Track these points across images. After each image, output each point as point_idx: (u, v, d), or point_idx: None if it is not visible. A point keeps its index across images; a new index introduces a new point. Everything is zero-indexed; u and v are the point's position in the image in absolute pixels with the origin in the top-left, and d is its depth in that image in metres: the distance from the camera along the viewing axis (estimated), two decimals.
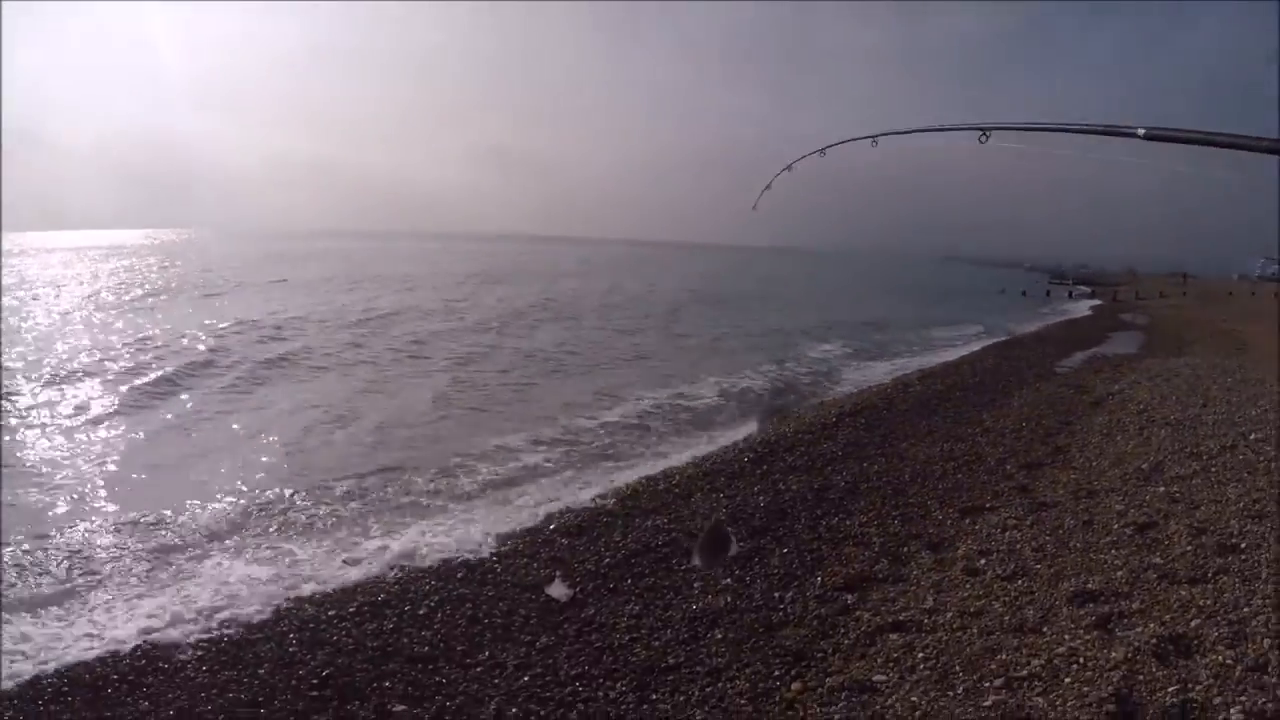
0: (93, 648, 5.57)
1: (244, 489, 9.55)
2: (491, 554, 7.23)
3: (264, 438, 12.18)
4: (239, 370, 17.07)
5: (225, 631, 5.67)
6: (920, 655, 5.16)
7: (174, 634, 5.68)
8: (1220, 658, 4.71)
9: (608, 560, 7.05)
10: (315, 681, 5.00)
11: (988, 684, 4.70)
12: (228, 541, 7.76)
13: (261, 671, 5.10)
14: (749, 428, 13.39)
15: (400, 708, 4.74)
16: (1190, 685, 4.45)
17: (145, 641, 5.55)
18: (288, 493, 9.51)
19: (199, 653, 5.35)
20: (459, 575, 6.73)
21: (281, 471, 10.55)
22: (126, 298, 32.28)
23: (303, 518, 8.63)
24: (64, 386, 15.11)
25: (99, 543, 7.51)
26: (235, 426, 12.84)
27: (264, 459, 10.96)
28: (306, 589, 6.58)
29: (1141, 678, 4.58)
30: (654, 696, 4.95)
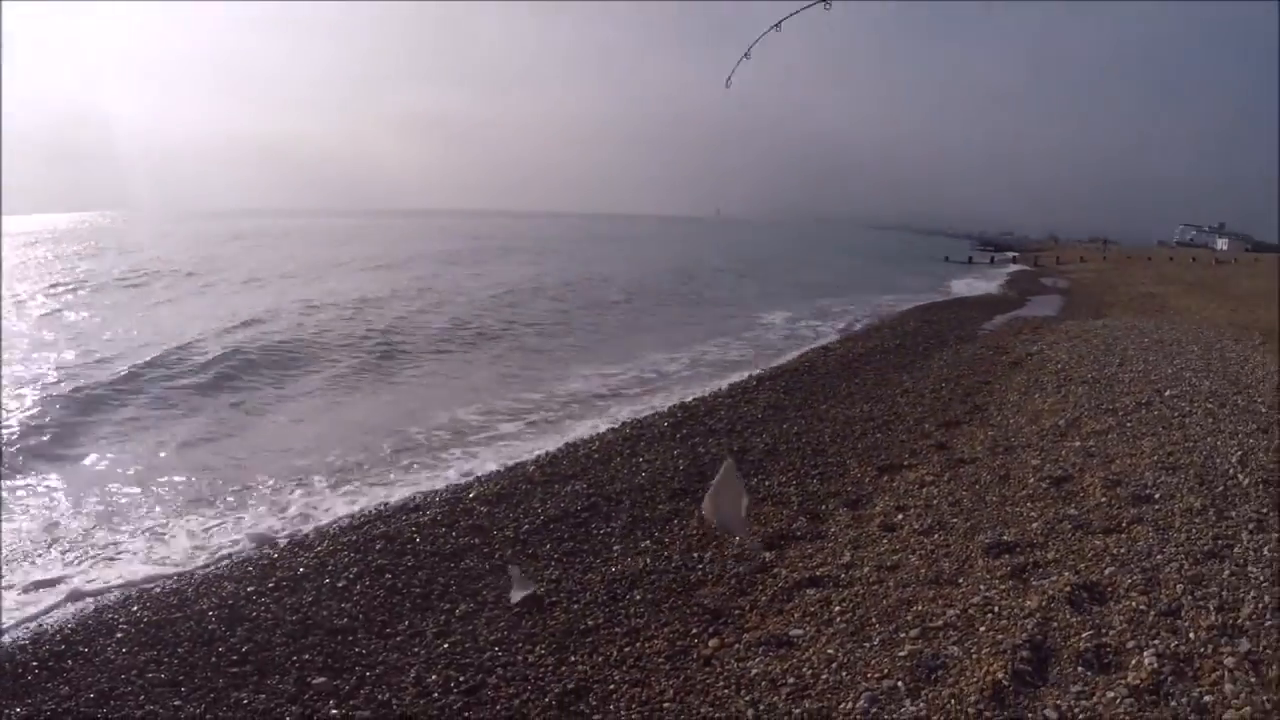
0: (7, 633, 5.49)
1: (156, 467, 9.30)
2: (410, 524, 7.13)
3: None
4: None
5: (144, 613, 5.58)
6: (837, 609, 5.25)
7: (91, 617, 5.58)
8: (1134, 604, 4.87)
9: (526, 526, 7.09)
10: (235, 658, 4.98)
11: (904, 634, 4.79)
12: (145, 520, 7.53)
13: (181, 650, 5.05)
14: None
15: (320, 679, 4.75)
16: (1104, 631, 4.60)
17: (64, 626, 5.45)
18: (208, 467, 9.35)
19: (118, 634, 5.25)
20: (377, 547, 6.67)
21: (202, 449, 10.33)
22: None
23: (221, 492, 8.48)
24: None
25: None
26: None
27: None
28: (223, 565, 6.51)
29: (1055, 624, 4.72)
30: (572, 658, 4.98)
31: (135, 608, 5.62)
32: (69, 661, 4.90)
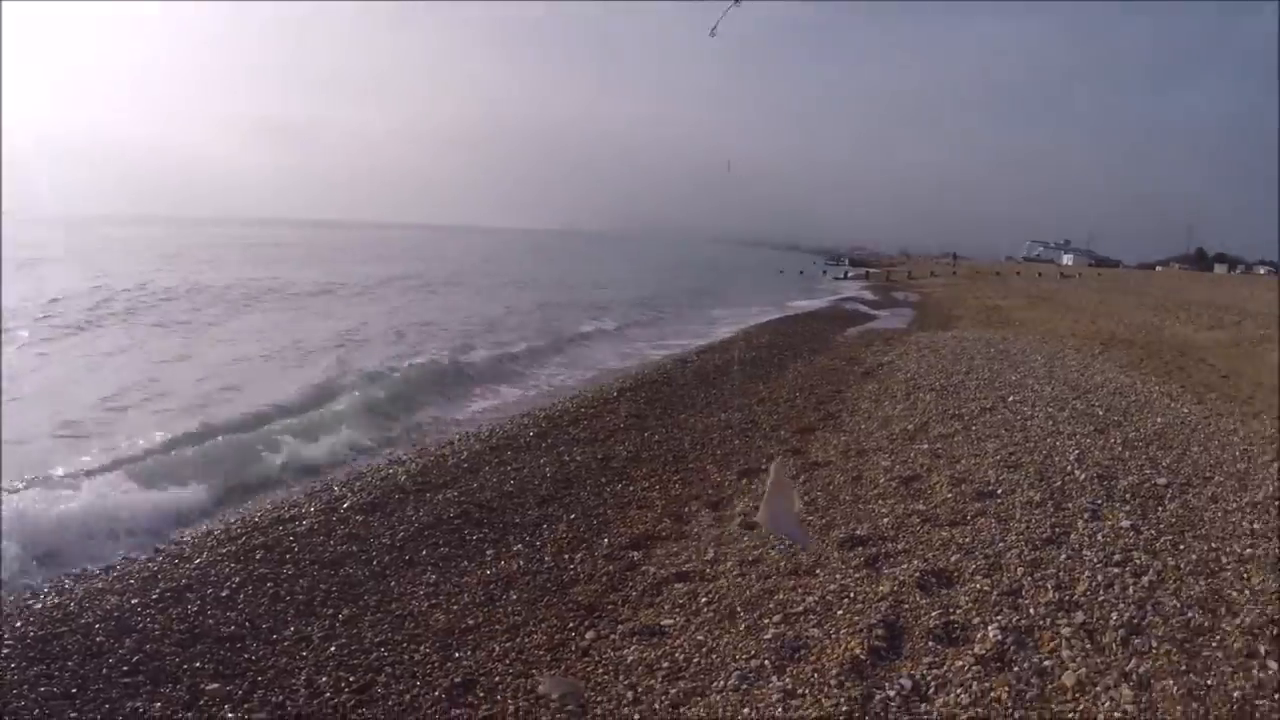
0: None
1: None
2: (288, 534, 7.21)
3: None
4: None
5: (28, 628, 5.46)
6: (704, 600, 5.69)
7: None
8: (978, 585, 5.46)
9: (402, 533, 7.30)
10: (126, 668, 5.02)
11: (767, 620, 5.24)
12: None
13: (71, 663, 5.04)
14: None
15: (214, 685, 4.86)
16: (951, 610, 5.15)
17: None
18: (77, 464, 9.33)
19: (4, 650, 5.15)
20: (257, 556, 6.74)
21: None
22: None
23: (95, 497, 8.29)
24: None
25: None
26: None
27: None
28: (102, 580, 6.42)
29: (907, 606, 5.25)
30: (457, 654, 5.27)
31: (18, 623, 5.51)
32: None
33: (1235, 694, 4.12)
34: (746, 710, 4.23)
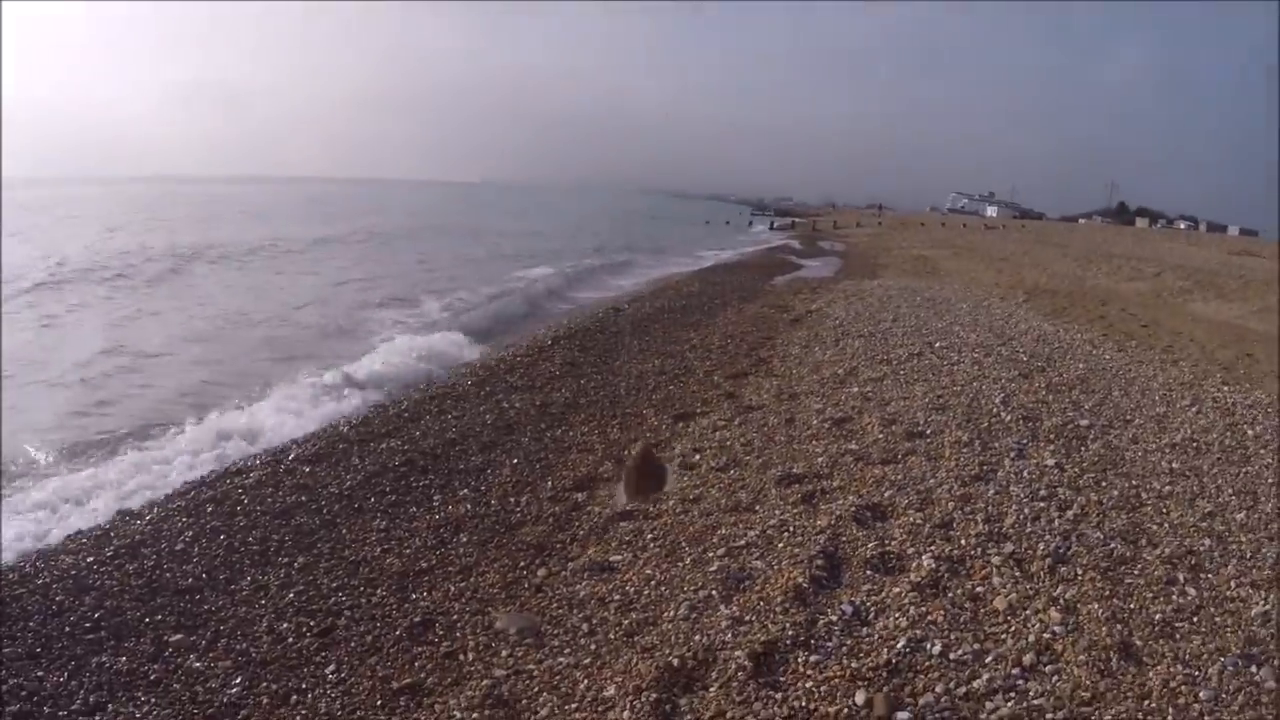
0: None
1: None
2: (236, 487, 7.24)
3: None
4: None
5: None
6: (650, 537, 5.92)
7: None
8: (911, 519, 5.73)
9: (349, 482, 7.37)
10: (88, 625, 5.06)
11: (711, 554, 5.46)
12: None
13: (32, 624, 5.04)
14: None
15: (177, 637, 4.94)
16: (887, 541, 5.42)
17: None
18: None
19: None
20: (208, 510, 6.76)
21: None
22: None
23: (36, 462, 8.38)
24: None
25: None
26: None
27: None
28: (54, 538, 6.41)
29: (844, 538, 5.50)
30: (414, 595, 5.45)
31: None
32: None
33: (1156, 616, 4.43)
34: (698, 637, 4.42)
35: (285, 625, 5.10)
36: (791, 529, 5.71)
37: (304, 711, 4.26)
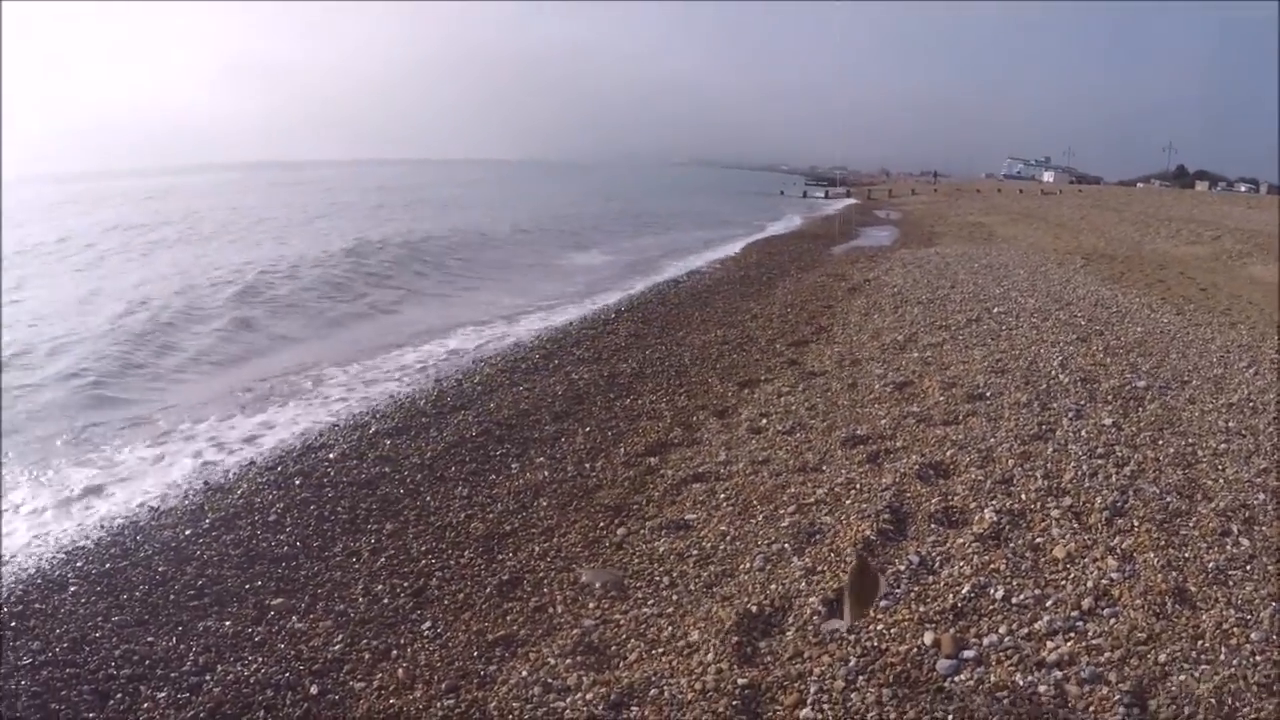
0: None
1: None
2: (322, 461, 7.60)
3: None
4: None
5: (89, 567, 5.74)
6: (722, 496, 6.16)
7: (35, 578, 5.65)
8: (973, 476, 5.94)
9: (429, 453, 7.67)
10: (192, 593, 5.35)
11: (783, 511, 5.71)
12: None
13: (138, 593, 5.34)
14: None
15: (278, 600, 5.23)
16: (950, 497, 5.63)
17: (11, 590, 5.50)
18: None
19: (71, 588, 5.40)
20: (297, 483, 7.08)
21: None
22: None
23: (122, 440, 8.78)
24: None
25: None
26: None
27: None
28: (149, 516, 6.71)
29: (909, 495, 5.72)
30: (500, 556, 5.71)
31: (79, 563, 5.81)
32: (31, 621, 5.06)
33: (1210, 564, 4.59)
34: (773, 586, 4.68)
35: (380, 587, 5.37)
36: (858, 487, 5.94)
37: (405, 664, 4.51)
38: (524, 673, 4.23)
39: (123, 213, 43.55)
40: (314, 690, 4.31)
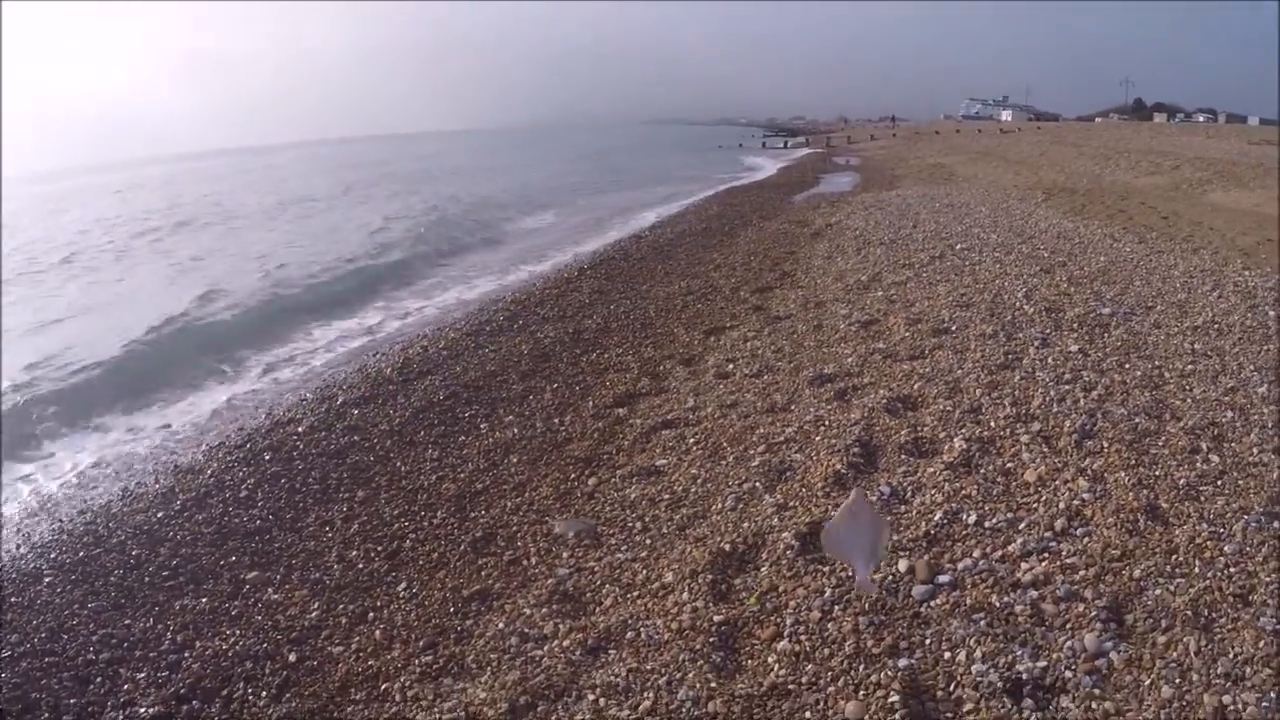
0: None
1: None
2: (291, 434, 7.51)
3: None
4: None
5: (63, 556, 5.65)
6: (692, 441, 6.15)
7: (9, 568, 5.58)
8: (941, 407, 5.96)
9: (398, 419, 7.62)
10: (167, 574, 5.30)
11: (753, 451, 5.71)
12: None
13: (113, 579, 5.28)
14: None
15: (253, 574, 5.20)
16: (919, 428, 5.65)
17: None
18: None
19: (46, 579, 5.33)
20: (266, 457, 7.02)
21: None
22: None
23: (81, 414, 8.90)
24: None
25: None
26: None
27: None
28: (119, 501, 6.63)
29: (878, 428, 5.74)
30: (473, 514, 5.69)
31: (53, 554, 5.73)
32: (8, 615, 5.00)
33: (1181, 481, 4.62)
34: (746, 524, 4.67)
35: (354, 553, 5.34)
36: (827, 423, 5.94)
37: (382, 625, 4.50)
38: (500, 625, 4.23)
39: (145, 203, 42.97)
40: (292, 658, 4.30)
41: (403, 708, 3.77)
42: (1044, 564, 3.92)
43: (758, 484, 5.16)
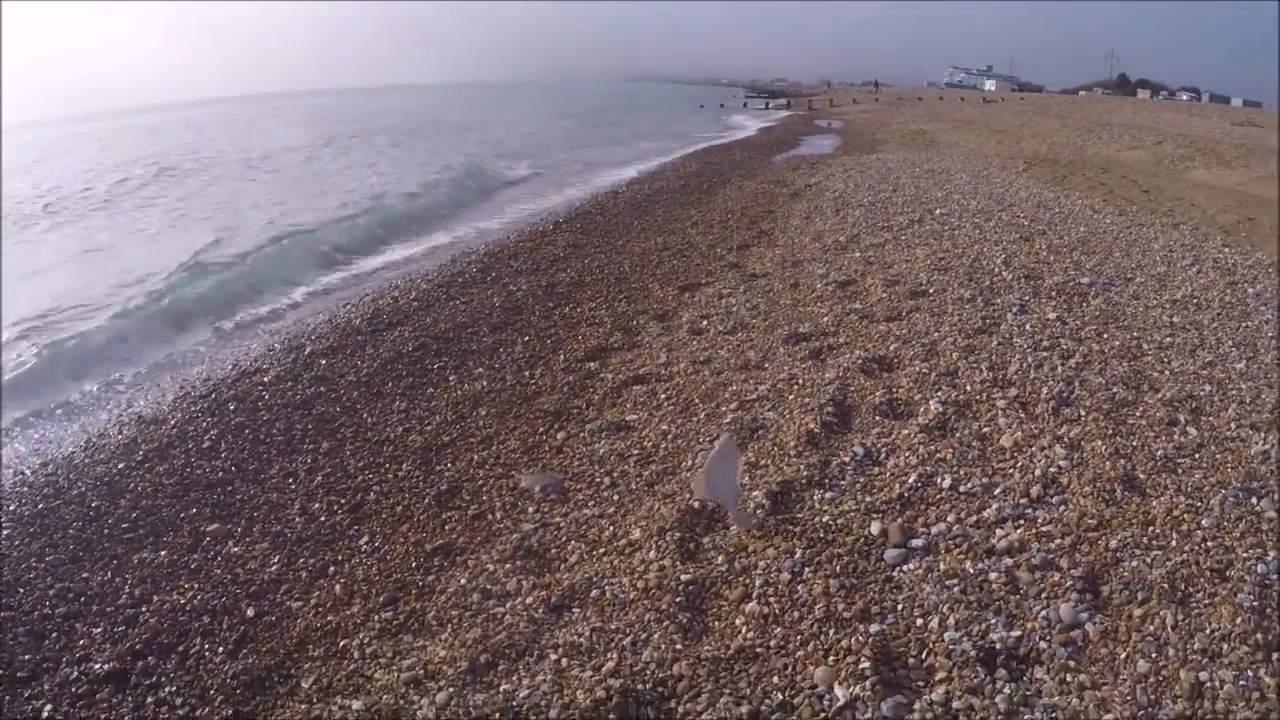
0: None
1: None
2: (256, 384, 7.32)
3: None
4: None
5: (23, 509, 5.46)
6: (663, 397, 6.04)
7: None
8: (917, 369, 5.87)
9: (366, 370, 7.45)
10: (126, 526, 5.15)
11: (725, 408, 5.60)
12: None
13: (72, 531, 5.12)
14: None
15: (214, 526, 5.06)
16: (894, 389, 5.55)
17: None
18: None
19: (5, 531, 5.14)
20: (231, 408, 6.83)
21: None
22: None
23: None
24: None
25: None
26: None
27: None
28: (82, 453, 6.41)
29: (853, 388, 5.64)
30: (439, 467, 5.55)
31: (12, 505, 5.55)
32: None
33: (1159, 453, 4.54)
34: None
35: (316, 505, 5.20)
36: (801, 382, 5.83)
37: (343, 580, 4.38)
38: (463, 580, 4.12)
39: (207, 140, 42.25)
40: (250, 612, 4.18)
41: (361, 664, 3.65)
42: (1019, 531, 3.84)
43: None
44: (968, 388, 5.47)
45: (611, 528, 4.38)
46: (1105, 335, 6.51)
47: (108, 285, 11.92)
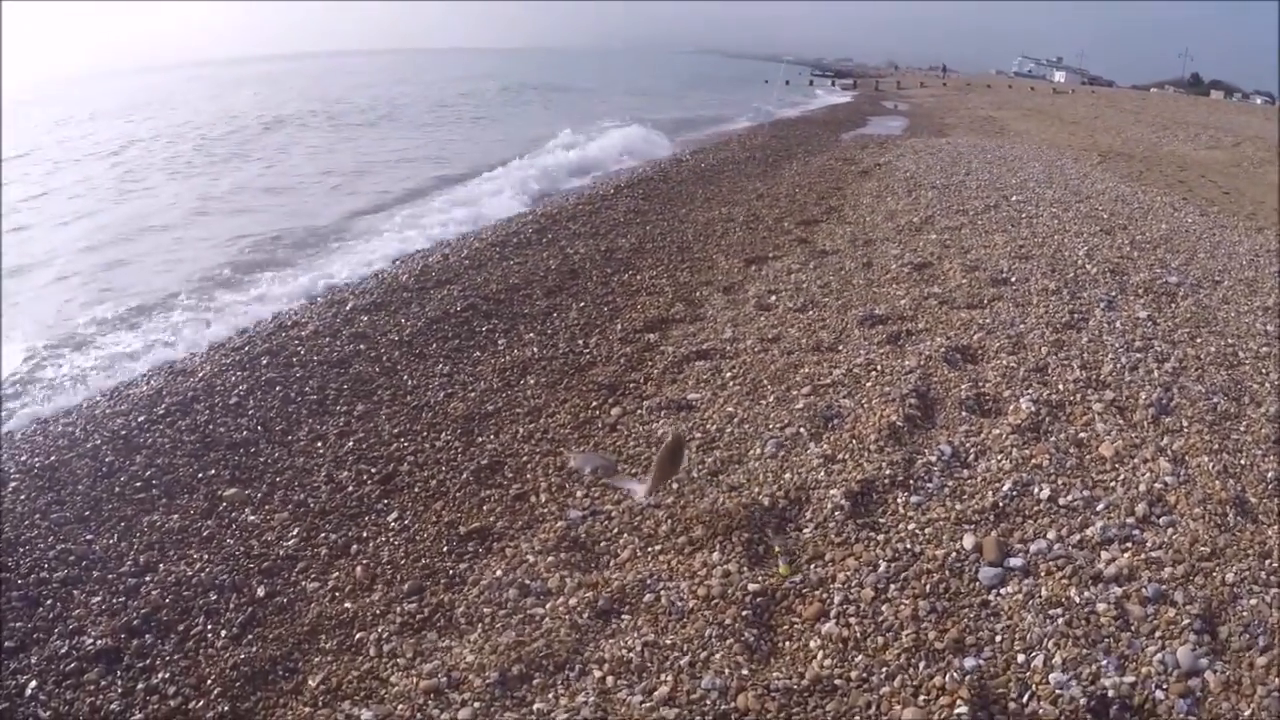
0: None
1: None
2: (293, 339, 6.98)
3: None
4: None
5: (34, 460, 5.17)
6: (728, 375, 5.59)
7: None
8: (1004, 362, 5.38)
9: (409, 329, 7.05)
10: (139, 485, 4.81)
11: (796, 392, 5.16)
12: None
13: (81, 487, 4.81)
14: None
15: (231, 491, 4.70)
16: (981, 383, 5.08)
17: None
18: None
19: (12, 484, 4.85)
20: (263, 362, 6.47)
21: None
22: None
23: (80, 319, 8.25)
24: None
25: None
26: None
27: None
28: (102, 402, 6.15)
29: (936, 379, 5.17)
30: (480, 439, 5.13)
31: (23, 456, 5.24)
32: None
33: (1269, 474, 4.05)
34: (788, 475, 4.14)
35: (344, 474, 4.82)
36: (879, 368, 5.39)
37: (365, 560, 4.00)
38: (499, 572, 3.73)
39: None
40: (261, 591, 3.82)
41: (376, 664, 3.28)
42: (1127, 555, 3.39)
43: (802, 430, 4.61)
44: (1060, 387, 5.00)
45: (669, 522, 3.95)
46: (1199, 340, 5.97)
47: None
